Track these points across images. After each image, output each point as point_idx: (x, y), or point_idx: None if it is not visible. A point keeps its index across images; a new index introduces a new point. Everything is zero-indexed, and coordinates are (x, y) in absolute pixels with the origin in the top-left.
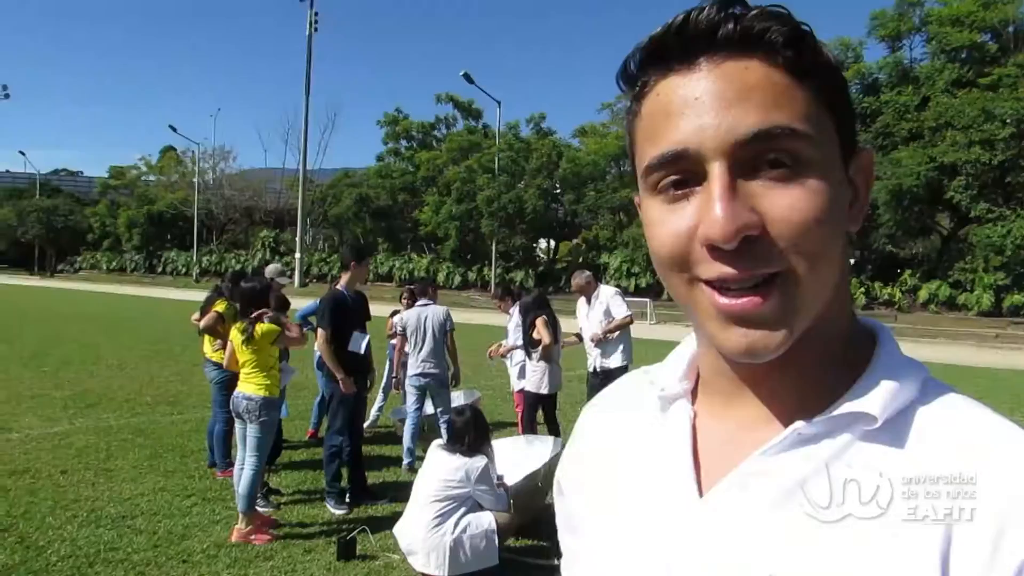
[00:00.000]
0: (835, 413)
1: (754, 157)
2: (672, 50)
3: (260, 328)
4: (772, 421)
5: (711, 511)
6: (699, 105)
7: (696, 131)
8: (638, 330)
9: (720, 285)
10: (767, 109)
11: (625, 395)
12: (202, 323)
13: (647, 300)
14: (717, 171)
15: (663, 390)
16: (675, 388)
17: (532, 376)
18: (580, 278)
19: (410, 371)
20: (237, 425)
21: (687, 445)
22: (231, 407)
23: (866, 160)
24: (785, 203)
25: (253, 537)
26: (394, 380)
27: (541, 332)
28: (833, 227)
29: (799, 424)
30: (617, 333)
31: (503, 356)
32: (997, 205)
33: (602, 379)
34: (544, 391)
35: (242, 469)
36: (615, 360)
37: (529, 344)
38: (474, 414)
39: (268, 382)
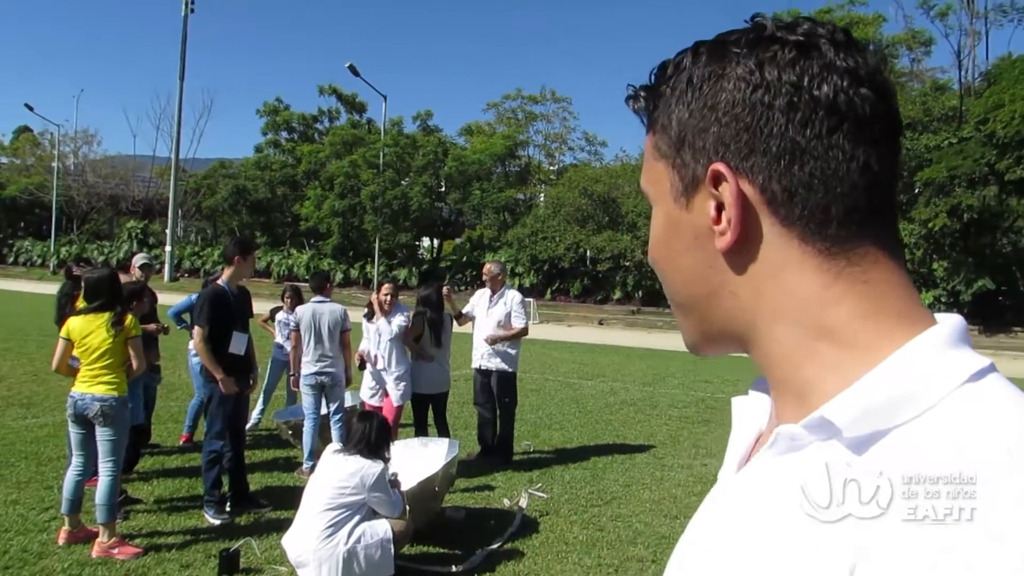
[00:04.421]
0: (808, 418)
1: None
2: None
3: (129, 322)
4: (781, 419)
5: (717, 493)
6: None
7: None
8: None
9: None
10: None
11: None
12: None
13: (531, 300)
14: None
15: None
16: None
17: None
18: (496, 268)
19: (304, 370)
20: (73, 429)
21: (753, 434)
22: (71, 410)
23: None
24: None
25: (116, 551)
26: (292, 378)
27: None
28: (666, 248)
29: (783, 427)
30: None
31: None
32: None
33: (487, 378)
34: (419, 390)
35: (78, 476)
36: (507, 364)
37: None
38: (378, 420)
39: (119, 380)
